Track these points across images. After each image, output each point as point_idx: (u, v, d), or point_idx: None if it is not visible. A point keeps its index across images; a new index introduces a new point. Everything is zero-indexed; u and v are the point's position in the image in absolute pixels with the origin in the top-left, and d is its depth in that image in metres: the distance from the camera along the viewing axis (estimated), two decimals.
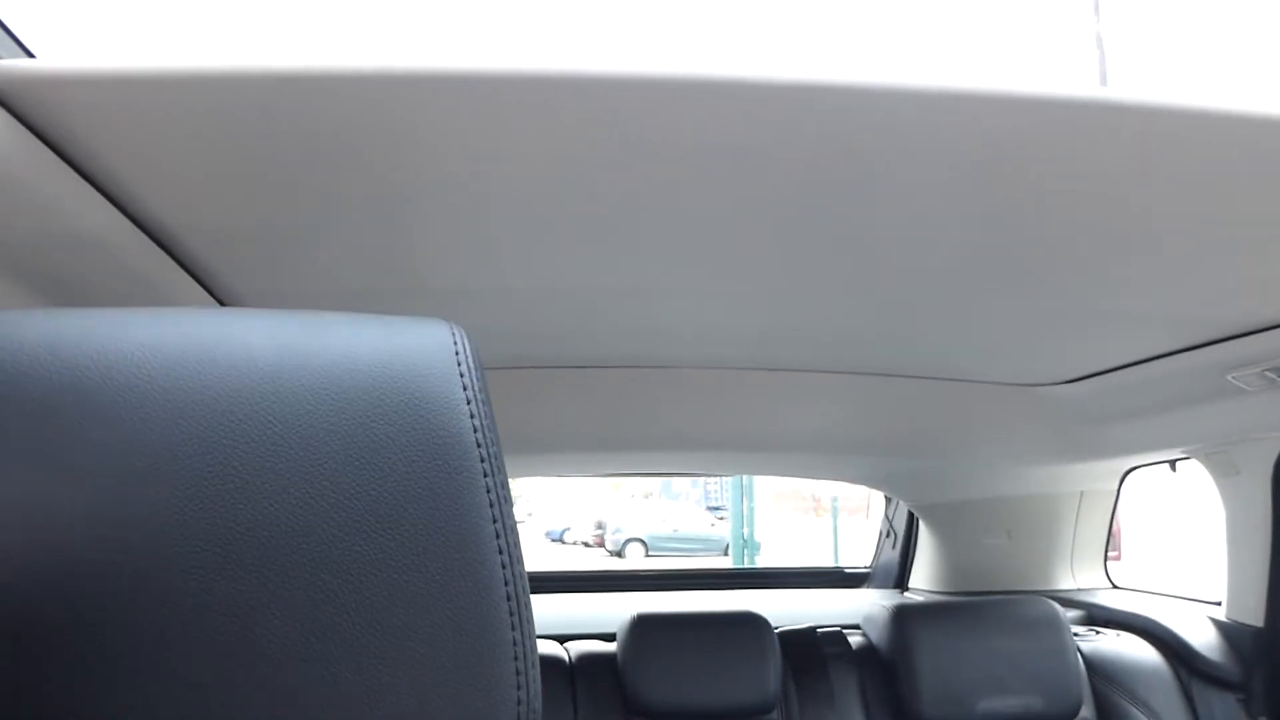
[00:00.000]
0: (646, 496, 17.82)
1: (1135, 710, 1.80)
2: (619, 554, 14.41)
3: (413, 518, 0.36)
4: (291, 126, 0.74)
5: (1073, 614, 2.05)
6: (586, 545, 15.65)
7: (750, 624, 1.75)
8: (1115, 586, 2.33)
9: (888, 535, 2.73)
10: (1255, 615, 1.77)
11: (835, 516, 11.00)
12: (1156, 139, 0.80)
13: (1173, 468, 2.06)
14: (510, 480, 0.37)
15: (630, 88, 0.72)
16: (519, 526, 0.39)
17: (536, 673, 0.37)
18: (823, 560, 10.20)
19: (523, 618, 0.37)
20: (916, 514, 2.56)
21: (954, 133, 0.79)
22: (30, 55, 0.68)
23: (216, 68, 0.66)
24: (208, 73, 0.66)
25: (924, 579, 2.55)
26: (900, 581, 2.64)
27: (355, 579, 0.35)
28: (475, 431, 0.38)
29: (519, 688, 0.36)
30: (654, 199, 0.90)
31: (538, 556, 12.91)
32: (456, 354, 0.40)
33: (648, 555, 14.23)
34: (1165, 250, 1.03)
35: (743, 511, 10.27)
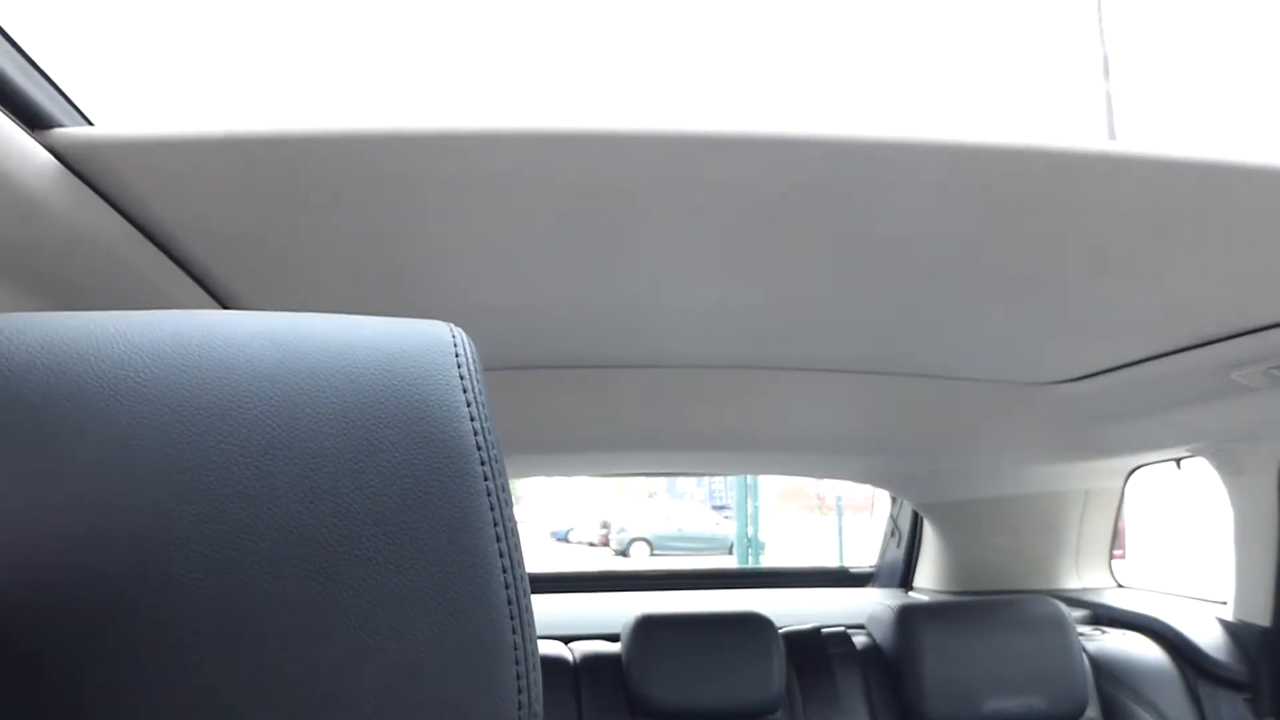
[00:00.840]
0: (651, 496, 17.82)
1: (1141, 710, 1.79)
2: (624, 553, 14.41)
3: (412, 520, 0.36)
4: (297, 167, 0.82)
5: (1078, 613, 2.05)
6: (591, 545, 15.65)
7: (755, 624, 1.75)
8: (1121, 586, 2.32)
9: (892, 534, 2.72)
10: (1262, 614, 1.76)
11: (840, 516, 10.98)
12: (1150, 175, 0.86)
13: (1178, 466, 2.05)
14: (512, 481, 0.37)
15: (627, 143, 0.80)
16: (521, 527, 0.39)
17: (538, 676, 0.37)
18: (827, 560, 10.20)
19: (523, 621, 0.37)
20: (921, 513, 2.56)
21: (954, 175, 0.86)
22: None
23: (233, 132, 0.76)
24: (224, 136, 0.76)
25: (929, 578, 2.55)
26: (905, 581, 2.63)
27: (354, 582, 0.35)
28: (475, 434, 0.38)
29: (520, 691, 0.36)
30: (655, 215, 0.94)
31: (543, 556, 12.91)
32: (456, 355, 0.40)
33: (652, 554, 14.23)
34: (1169, 249, 1.03)
35: (747, 511, 10.27)
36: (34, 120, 0.68)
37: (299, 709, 0.33)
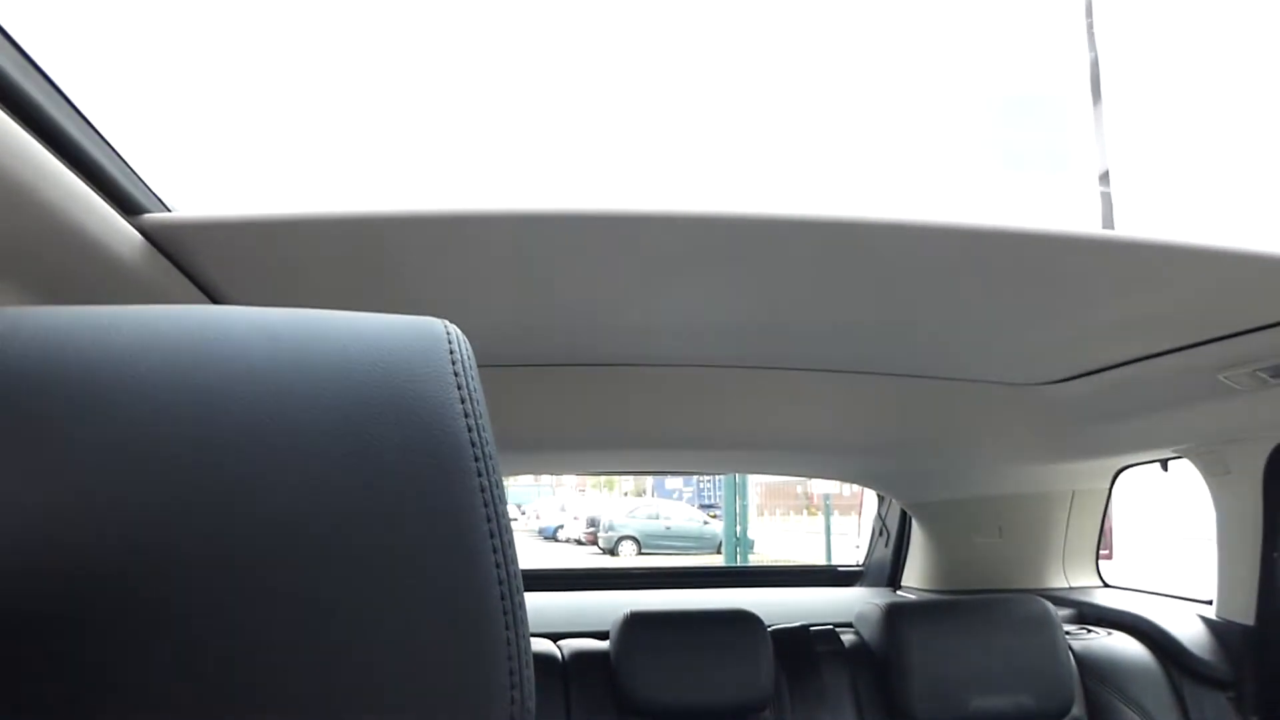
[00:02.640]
0: (640, 494, 17.82)
1: (1126, 709, 1.80)
2: (612, 551, 14.40)
3: (407, 516, 0.36)
4: (316, 246, 0.96)
5: (1064, 612, 2.06)
6: (579, 543, 15.63)
7: (743, 622, 1.75)
8: (1107, 585, 2.33)
9: (880, 534, 2.73)
10: (1245, 613, 1.77)
11: (828, 515, 11.01)
12: (1139, 252, 1.04)
13: (1164, 467, 2.06)
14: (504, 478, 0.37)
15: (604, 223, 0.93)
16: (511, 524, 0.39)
17: (530, 672, 0.37)
18: (814, 558, 10.22)
19: (517, 617, 0.37)
20: (910, 512, 2.57)
21: (934, 247, 1.00)
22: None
23: (259, 215, 0.89)
24: (249, 218, 0.89)
25: (916, 577, 2.56)
26: (893, 580, 2.64)
27: (349, 577, 0.35)
28: (470, 430, 0.38)
29: (513, 687, 0.36)
30: (648, 244, 1.00)
31: (530, 554, 12.89)
32: (451, 352, 0.39)
33: (640, 552, 14.22)
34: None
35: (735, 509, 10.29)
36: (32, 120, 0.68)
37: (292, 701, 0.33)
